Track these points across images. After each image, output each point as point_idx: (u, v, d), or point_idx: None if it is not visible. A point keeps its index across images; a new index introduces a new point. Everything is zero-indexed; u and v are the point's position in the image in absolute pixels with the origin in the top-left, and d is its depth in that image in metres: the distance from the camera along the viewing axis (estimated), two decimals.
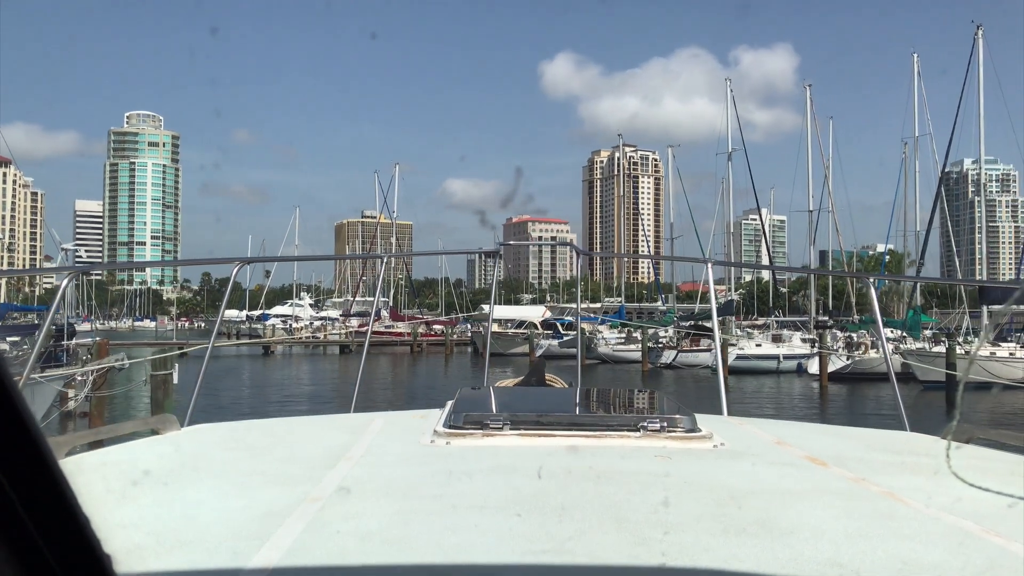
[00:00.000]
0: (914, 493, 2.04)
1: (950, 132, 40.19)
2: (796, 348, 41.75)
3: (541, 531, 1.66)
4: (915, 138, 45.15)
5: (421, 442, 2.61)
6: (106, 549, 0.70)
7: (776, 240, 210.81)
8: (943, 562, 1.53)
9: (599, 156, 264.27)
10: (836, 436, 3.33)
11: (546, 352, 50.67)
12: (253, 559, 1.47)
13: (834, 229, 53.50)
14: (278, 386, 35.96)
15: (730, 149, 55.78)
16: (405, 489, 2.05)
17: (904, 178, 46.76)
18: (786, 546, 1.60)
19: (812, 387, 34.60)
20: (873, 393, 33.26)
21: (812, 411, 29.37)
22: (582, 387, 4.95)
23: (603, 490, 2.01)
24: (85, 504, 0.69)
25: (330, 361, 56.26)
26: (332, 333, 66.52)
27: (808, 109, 53.40)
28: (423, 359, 56.03)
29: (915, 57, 45.61)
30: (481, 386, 4.10)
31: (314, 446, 2.75)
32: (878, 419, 28.29)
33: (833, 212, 53.20)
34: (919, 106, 45.49)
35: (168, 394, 12.30)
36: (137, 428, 2.93)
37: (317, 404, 27.89)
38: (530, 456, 2.37)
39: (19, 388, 0.64)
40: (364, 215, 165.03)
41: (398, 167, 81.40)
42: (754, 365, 40.53)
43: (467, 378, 42.90)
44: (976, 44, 38.99)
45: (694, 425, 2.70)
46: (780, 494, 2.06)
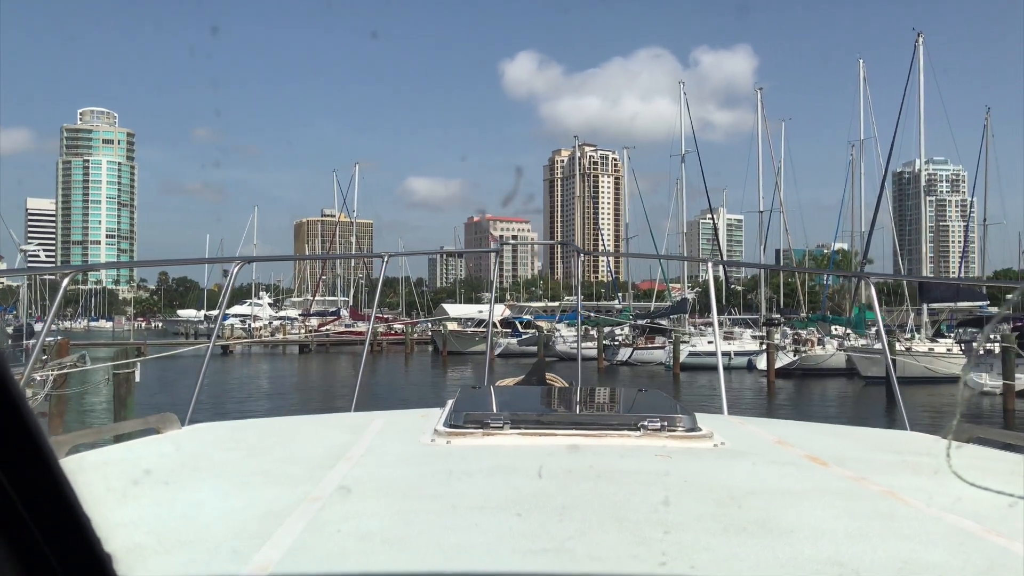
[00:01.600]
0: (915, 493, 2.04)
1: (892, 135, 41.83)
2: (747, 345, 42.92)
3: (541, 531, 1.67)
4: (860, 141, 46.83)
5: (421, 441, 2.62)
6: (106, 548, 0.70)
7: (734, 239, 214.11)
8: (944, 562, 1.54)
9: (560, 155, 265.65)
10: (837, 436, 3.32)
11: (505, 350, 51.42)
12: (253, 559, 1.48)
13: (784, 229, 54.96)
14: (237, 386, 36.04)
15: (683, 151, 57.10)
16: (405, 489, 2.06)
17: (852, 179, 48.34)
18: (786, 545, 1.60)
19: (760, 382, 35.69)
20: (819, 388, 34.49)
21: (760, 405, 30.32)
22: (583, 386, 4.92)
23: (603, 489, 2.02)
24: (85, 503, 0.69)
25: (289, 361, 56.25)
26: (291, 333, 66.46)
27: (759, 113, 54.89)
28: (383, 358, 56.26)
29: (861, 63, 47.22)
30: (482, 385, 4.08)
31: (314, 446, 2.75)
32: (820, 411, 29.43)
33: (783, 212, 54.73)
34: (864, 110, 47.16)
35: (130, 391, 12.60)
36: (138, 427, 2.92)
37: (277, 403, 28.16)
38: (530, 455, 2.38)
39: (19, 387, 0.65)
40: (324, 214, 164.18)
41: (358, 166, 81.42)
42: (706, 361, 41.48)
43: (427, 377, 43.35)
44: (917, 51, 40.58)
45: (694, 424, 2.71)
46: (780, 494, 2.07)
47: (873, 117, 47.22)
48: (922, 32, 41.18)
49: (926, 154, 44.47)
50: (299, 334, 65.38)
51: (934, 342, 35.11)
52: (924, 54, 40.46)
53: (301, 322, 70.70)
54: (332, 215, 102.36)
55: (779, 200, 55.00)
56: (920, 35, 41.01)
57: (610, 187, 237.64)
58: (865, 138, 46.60)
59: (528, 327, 56.27)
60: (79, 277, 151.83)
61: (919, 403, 28.46)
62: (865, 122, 46.97)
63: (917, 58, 40.38)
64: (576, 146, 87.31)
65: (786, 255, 57.42)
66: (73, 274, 3.83)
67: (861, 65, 46.78)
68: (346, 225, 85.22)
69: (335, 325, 66.29)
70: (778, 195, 54.75)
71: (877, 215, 42.86)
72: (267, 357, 58.73)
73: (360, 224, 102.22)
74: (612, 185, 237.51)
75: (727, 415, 3.69)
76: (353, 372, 44.52)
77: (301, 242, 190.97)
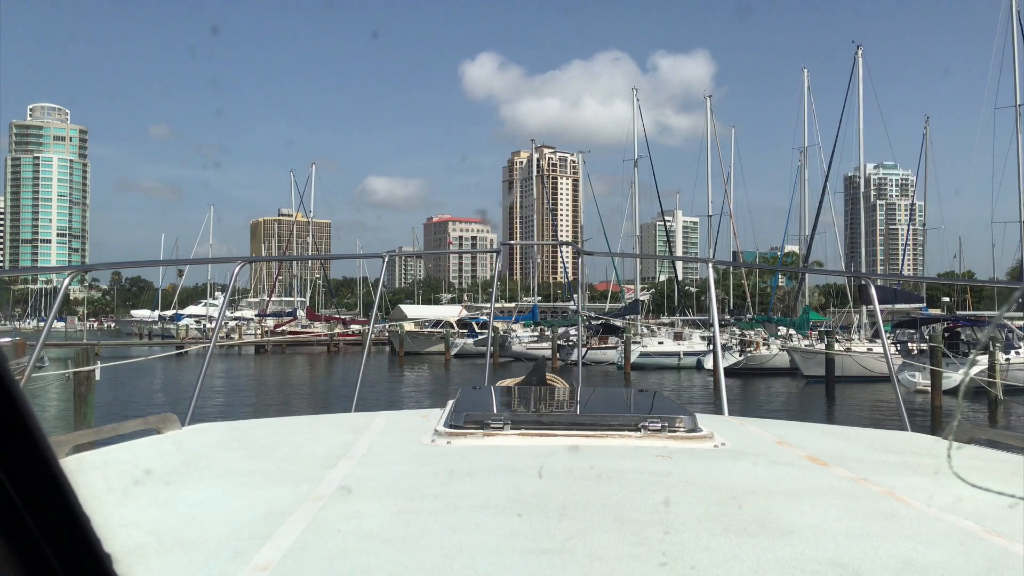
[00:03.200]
0: (915, 493, 2.05)
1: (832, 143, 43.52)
2: (696, 345, 44.10)
3: (542, 531, 1.67)
4: (805, 148, 48.40)
5: (422, 442, 2.63)
6: (107, 548, 0.70)
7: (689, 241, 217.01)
8: (944, 562, 1.53)
9: (519, 156, 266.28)
10: (837, 436, 3.33)
11: (461, 351, 52.00)
12: (254, 559, 1.48)
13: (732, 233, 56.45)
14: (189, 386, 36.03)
15: (636, 156, 58.24)
16: (406, 489, 2.07)
17: (800, 184, 49.86)
18: (787, 546, 1.60)
19: (708, 381, 36.78)
20: (763, 386, 35.64)
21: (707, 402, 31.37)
22: (583, 387, 4.95)
23: (604, 490, 2.03)
24: (86, 503, 0.69)
25: (245, 361, 56.06)
26: (247, 334, 66.19)
27: (708, 120, 56.35)
28: (340, 359, 56.41)
29: (805, 72, 48.79)
30: (482, 386, 4.11)
31: (315, 445, 2.75)
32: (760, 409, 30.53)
33: (732, 216, 56.21)
34: (808, 118, 48.77)
35: (90, 390, 12.93)
36: (138, 427, 2.93)
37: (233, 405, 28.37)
38: (531, 456, 2.39)
39: (20, 387, 0.64)
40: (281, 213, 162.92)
41: (315, 166, 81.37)
42: (656, 361, 42.73)
43: (384, 377, 43.65)
44: (857, 62, 42.28)
45: (695, 425, 2.72)
46: (781, 494, 2.07)
47: (817, 125, 48.86)
48: (861, 45, 43.05)
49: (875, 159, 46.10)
50: (255, 335, 65.18)
51: (872, 342, 36.50)
52: (863, 66, 42.22)
53: (257, 323, 70.40)
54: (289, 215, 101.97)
55: (729, 204, 56.44)
56: (860, 47, 42.81)
57: (569, 189, 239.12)
58: (809, 145, 48.24)
59: (484, 327, 56.89)
60: (28, 277, 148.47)
61: (858, 400, 29.78)
62: (809, 129, 48.62)
63: (857, 69, 42.15)
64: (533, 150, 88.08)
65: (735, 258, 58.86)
66: (74, 274, 3.74)
67: (805, 75, 48.43)
68: (303, 225, 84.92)
69: (291, 326, 66.24)
70: (728, 199, 56.20)
71: (819, 219, 44.37)
72: (223, 358, 58.42)
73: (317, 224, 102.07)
74: (571, 187, 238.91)
75: (727, 416, 3.71)
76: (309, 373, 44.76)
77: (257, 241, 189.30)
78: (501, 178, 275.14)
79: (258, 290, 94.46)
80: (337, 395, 32.36)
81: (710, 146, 55.62)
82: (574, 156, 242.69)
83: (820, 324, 43.28)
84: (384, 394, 34.36)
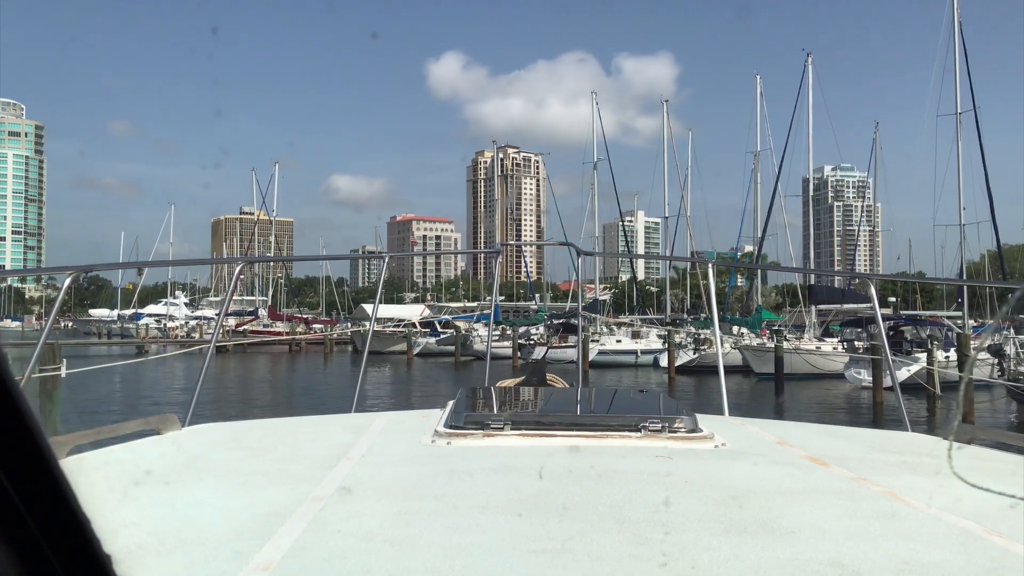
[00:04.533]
0: (915, 493, 2.05)
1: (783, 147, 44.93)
2: (653, 344, 45.11)
3: (542, 531, 1.67)
4: (758, 152, 49.80)
5: (422, 442, 2.64)
6: (107, 549, 0.70)
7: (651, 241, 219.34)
8: (944, 562, 1.54)
9: (483, 156, 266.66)
10: (837, 436, 3.34)
11: (424, 350, 52.43)
12: (255, 559, 1.48)
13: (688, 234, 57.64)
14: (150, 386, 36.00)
15: (596, 159, 59.34)
16: (406, 489, 2.07)
17: (754, 187, 51.12)
18: (787, 546, 1.60)
19: (664, 378, 37.72)
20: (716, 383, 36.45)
21: None
22: (583, 387, 4.93)
23: (604, 490, 2.03)
24: (86, 504, 0.69)
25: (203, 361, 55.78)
26: (208, 333, 65.86)
27: (665, 124, 57.65)
28: (302, 358, 56.45)
29: (758, 78, 50.09)
30: (482, 386, 4.10)
31: (315, 446, 2.76)
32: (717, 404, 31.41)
33: (688, 218, 57.40)
34: (761, 123, 50.17)
35: (56, 386, 13.19)
36: (139, 428, 2.93)
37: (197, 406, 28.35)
38: (531, 456, 2.39)
39: (20, 387, 0.64)
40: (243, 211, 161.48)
41: (278, 166, 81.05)
42: (614, 359, 43.60)
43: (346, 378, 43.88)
44: (807, 69, 43.69)
45: (695, 425, 2.73)
46: (781, 494, 2.07)
47: (770, 129, 50.27)
48: (811, 53, 44.50)
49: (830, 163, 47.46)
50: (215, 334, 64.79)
51: (821, 341, 37.68)
52: (812, 73, 43.63)
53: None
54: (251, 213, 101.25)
55: (685, 206, 57.66)
56: (810, 55, 44.23)
57: (533, 188, 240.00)
58: (762, 149, 49.63)
59: (447, 327, 57.39)
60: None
61: (805, 396, 30.83)
62: (762, 134, 50.02)
63: (807, 76, 43.56)
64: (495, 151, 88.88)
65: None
66: (75, 273, 3.83)
67: (758, 81, 49.74)
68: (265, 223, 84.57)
69: (253, 325, 66.08)
70: (684, 201, 57.43)
71: (770, 221, 45.61)
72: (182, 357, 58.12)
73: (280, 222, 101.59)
74: (535, 186, 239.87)
75: (728, 416, 3.73)
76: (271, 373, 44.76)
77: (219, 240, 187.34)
78: (465, 177, 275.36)
79: (219, 289, 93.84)
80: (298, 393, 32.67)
81: (667, 149, 56.92)
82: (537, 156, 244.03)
83: (774, 323, 44.46)
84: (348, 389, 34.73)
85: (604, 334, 47.73)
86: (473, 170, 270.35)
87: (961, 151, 37.86)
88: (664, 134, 57.45)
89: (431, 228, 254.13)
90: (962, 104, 38.13)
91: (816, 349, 35.72)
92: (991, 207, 37.91)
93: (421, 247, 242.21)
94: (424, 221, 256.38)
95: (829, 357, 34.38)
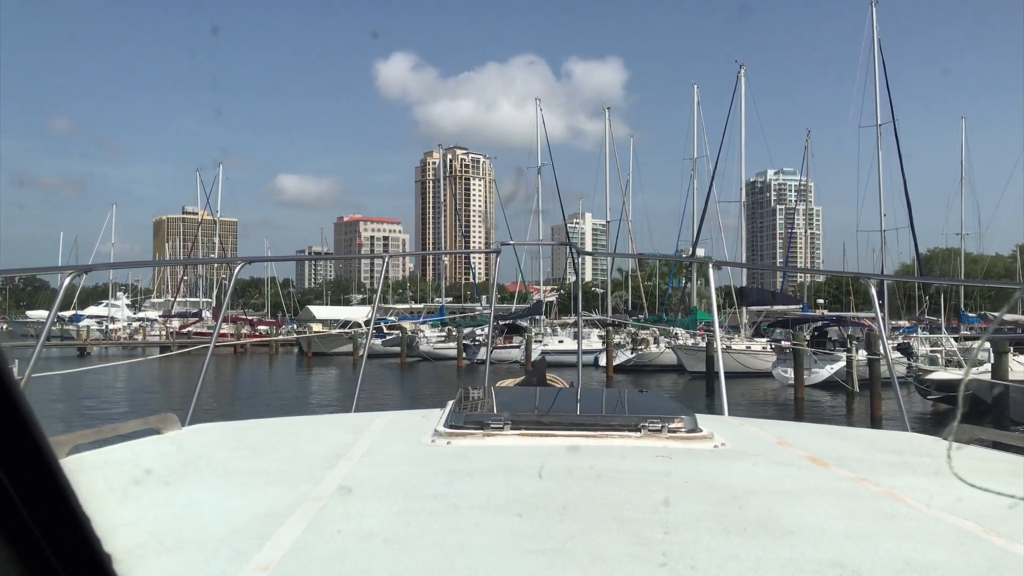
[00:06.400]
0: (915, 493, 2.04)
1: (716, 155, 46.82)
2: (594, 344, 46.35)
3: (542, 531, 1.67)
4: (695, 158, 51.72)
5: (422, 442, 2.64)
6: (107, 548, 0.70)
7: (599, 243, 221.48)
8: (944, 562, 1.54)
9: (431, 157, 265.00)
10: (837, 436, 3.34)
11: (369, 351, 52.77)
12: (254, 559, 1.48)
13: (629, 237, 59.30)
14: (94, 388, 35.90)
15: (540, 164, 60.68)
16: (406, 489, 2.06)
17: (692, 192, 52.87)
18: (787, 546, 1.60)
19: (603, 376, 39.00)
20: (652, 381, 37.92)
21: None
22: (583, 387, 4.95)
23: (604, 490, 2.02)
24: (86, 503, 0.68)
25: (149, 363, 55.42)
26: (152, 334, 65.28)
27: (607, 130, 59.32)
28: (247, 360, 56.35)
29: (695, 87, 51.99)
30: (482, 386, 4.10)
31: (315, 446, 2.75)
32: None
33: (629, 221, 59.06)
34: (698, 130, 52.08)
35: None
36: (138, 427, 2.92)
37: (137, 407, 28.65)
38: (531, 456, 2.39)
39: (20, 387, 0.64)
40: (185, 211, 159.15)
41: (222, 166, 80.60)
42: (556, 359, 44.60)
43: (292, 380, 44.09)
44: (739, 80, 45.59)
45: (695, 425, 2.72)
46: (781, 494, 2.07)
47: (706, 136, 52.23)
48: (744, 64, 46.43)
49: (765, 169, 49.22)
50: (159, 336, 64.36)
51: (751, 341, 39.34)
52: (745, 83, 45.57)
53: (162, 323, 69.46)
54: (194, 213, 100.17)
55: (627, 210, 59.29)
56: (742, 67, 46.15)
57: (483, 189, 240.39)
58: (699, 156, 51.55)
59: (393, 328, 57.94)
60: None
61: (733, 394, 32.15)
62: (699, 141, 51.93)
63: (739, 86, 45.48)
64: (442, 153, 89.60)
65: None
66: (74, 274, 3.82)
67: (695, 90, 51.65)
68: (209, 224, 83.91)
69: (197, 326, 65.68)
70: (626, 205, 59.06)
71: (703, 226, 47.42)
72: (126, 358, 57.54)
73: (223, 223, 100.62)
74: (484, 188, 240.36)
75: (727, 416, 3.74)
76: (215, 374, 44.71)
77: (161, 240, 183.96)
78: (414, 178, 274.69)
79: (161, 290, 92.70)
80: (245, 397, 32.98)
81: (608, 156, 58.59)
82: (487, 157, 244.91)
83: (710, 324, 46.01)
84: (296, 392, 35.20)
85: (547, 334, 48.88)
86: (422, 171, 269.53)
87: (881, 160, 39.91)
88: (606, 140, 59.20)
89: (379, 229, 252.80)
90: (882, 116, 40.23)
91: (746, 349, 37.29)
92: (910, 214, 40.05)
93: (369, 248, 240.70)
94: (372, 222, 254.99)
95: (758, 356, 35.96)
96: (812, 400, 29.33)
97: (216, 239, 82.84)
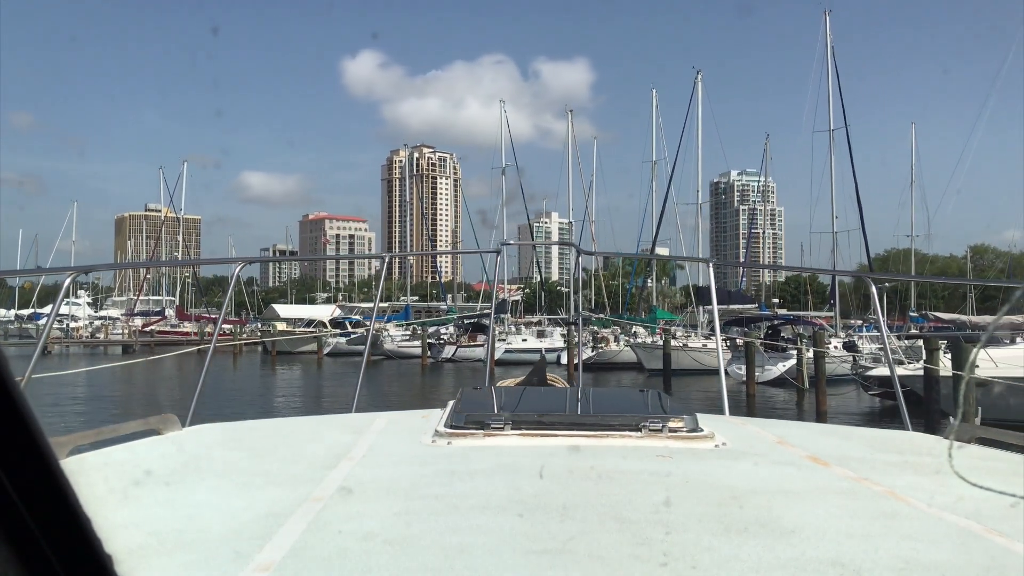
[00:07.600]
0: (916, 493, 2.05)
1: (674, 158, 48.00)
2: (556, 342, 47.25)
3: (543, 531, 1.68)
4: (654, 161, 52.87)
5: (423, 442, 2.63)
6: (108, 549, 0.70)
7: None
8: (945, 562, 1.54)
9: (398, 155, 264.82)
10: (838, 436, 3.34)
11: (334, 349, 53.11)
12: (255, 559, 1.48)
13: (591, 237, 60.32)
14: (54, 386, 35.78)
15: (504, 164, 61.51)
16: (407, 489, 2.06)
17: (652, 193, 53.98)
18: (788, 546, 1.60)
19: (563, 375, 39.87)
20: (612, 379, 38.84)
21: None
22: (583, 387, 5.00)
23: (605, 490, 2.02)
24: (86, 504, 0.68)
25: (111, 361, 55.13)
26: (114, 333, 64.89)
27: (569, 132, 60.39)
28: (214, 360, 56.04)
29: (654, 92, 53.17)
30: (483, 386, 4.05)
31: (316, 446, 2.75)
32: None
33: (592, 221, 60.14)
34: (657, 133, 53.29)
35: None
36: (139, 428, 2.91)
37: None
38: (532, 456, 2.38)
39: (20, 388, 0.64)
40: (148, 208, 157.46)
41: (186, 164, 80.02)
42: (519, 357, 45.34)
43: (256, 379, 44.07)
44: (696, 86, 46.82)
45: (696, 425, 2.72)
46: (782, 494, 2.07)
47: (664, 140, 53.44)
48: (701, 70, 47.71)
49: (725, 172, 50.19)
50: (122, 334, 64.02)
51: (708, 339, 40.39)
52: (702, 88, 46.83)
53: (124, 322, 69.01)
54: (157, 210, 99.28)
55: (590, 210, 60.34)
56: (699, 72, 47.46)
57: (450, 188, 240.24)
58: (658, 159, 52.76)
59: (357, 327, 58.20)
60: None
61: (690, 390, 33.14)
62: (657, 144, 53.11)
63: (697, 91, 46.71)
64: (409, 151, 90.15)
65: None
66: (75, 274, 3.75)
67: (654, 94, 52.93)
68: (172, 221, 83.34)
69: (160, 325, 65.41)
70: (589, 206, 60.11)
71: (659, 231, 48.61)
72: (87, 357, 57.18)
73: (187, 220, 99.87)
74: (451, 186, 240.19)
75: (728, 416, 3.71)
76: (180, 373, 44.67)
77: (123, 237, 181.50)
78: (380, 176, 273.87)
79: (123, 289, 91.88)
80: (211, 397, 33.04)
81: (571, 157, 59.61)
82: (454, 156, 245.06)
83: (670, 323, 47.10)
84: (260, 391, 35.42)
85: (511, 333, 49.65)
86: (388, 169, 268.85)
87: (834, 164, 41.24)
88: (569, 142, 60.26)
89: (344, 227, 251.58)
90: (835, 122, 41.55)
91: (703, 347, 38.34)
92: (861, 216, 41.44)
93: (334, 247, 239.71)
94: (337, 220, 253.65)
95: (712, 354, 36.95)
96: (764, 396, 30.34)
97: (180, 236, 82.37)
